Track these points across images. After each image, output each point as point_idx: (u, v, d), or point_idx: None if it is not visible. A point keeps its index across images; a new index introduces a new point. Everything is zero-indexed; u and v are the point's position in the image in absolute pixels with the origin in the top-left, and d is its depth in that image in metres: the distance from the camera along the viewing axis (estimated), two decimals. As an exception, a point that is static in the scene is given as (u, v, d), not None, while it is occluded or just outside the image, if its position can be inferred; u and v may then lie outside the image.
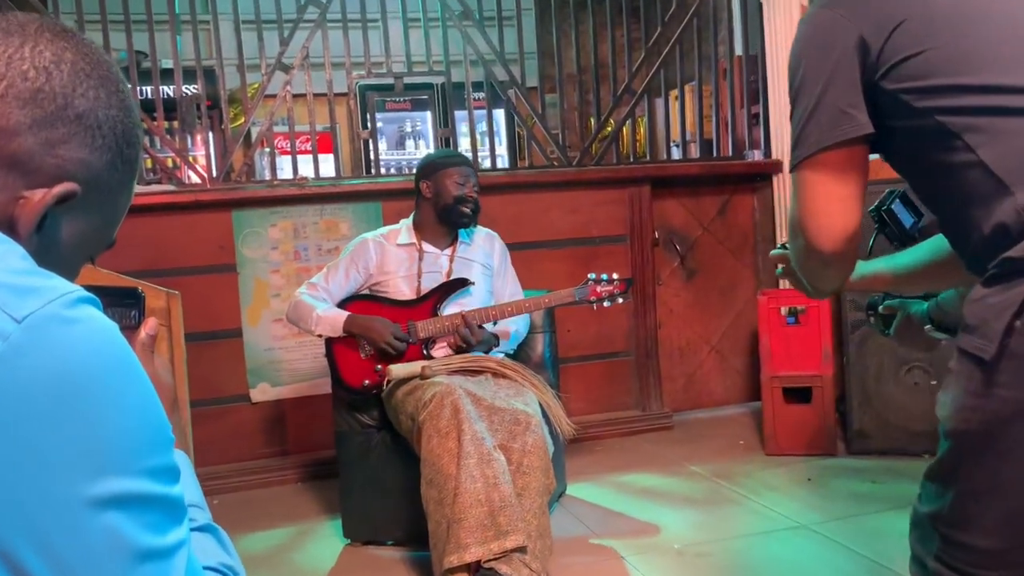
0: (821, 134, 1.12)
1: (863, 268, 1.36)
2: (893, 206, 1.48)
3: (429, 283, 2.79)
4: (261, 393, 3.59)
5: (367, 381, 2.73)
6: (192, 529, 0.72)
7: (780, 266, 1.45)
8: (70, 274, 0.76)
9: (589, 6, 4.09)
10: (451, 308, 2.73)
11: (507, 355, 2.83)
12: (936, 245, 1.28)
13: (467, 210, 2.79)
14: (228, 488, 3.44)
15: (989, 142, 1.02)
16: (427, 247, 2.84)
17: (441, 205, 2.81)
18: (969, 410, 1.01)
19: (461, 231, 2.89)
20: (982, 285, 1.03)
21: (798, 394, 3.55)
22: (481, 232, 2.96)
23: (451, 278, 2.79)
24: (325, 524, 3.02)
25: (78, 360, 0.59)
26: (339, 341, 2.74)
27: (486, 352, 2.72)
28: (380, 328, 2.66)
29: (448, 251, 2.86)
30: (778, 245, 1.50)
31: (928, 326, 1.48)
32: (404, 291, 2.79)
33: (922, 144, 1.09)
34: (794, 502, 2.97)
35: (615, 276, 2.81)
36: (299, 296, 2.80)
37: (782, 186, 4.05)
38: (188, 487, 0.80)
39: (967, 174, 1.04)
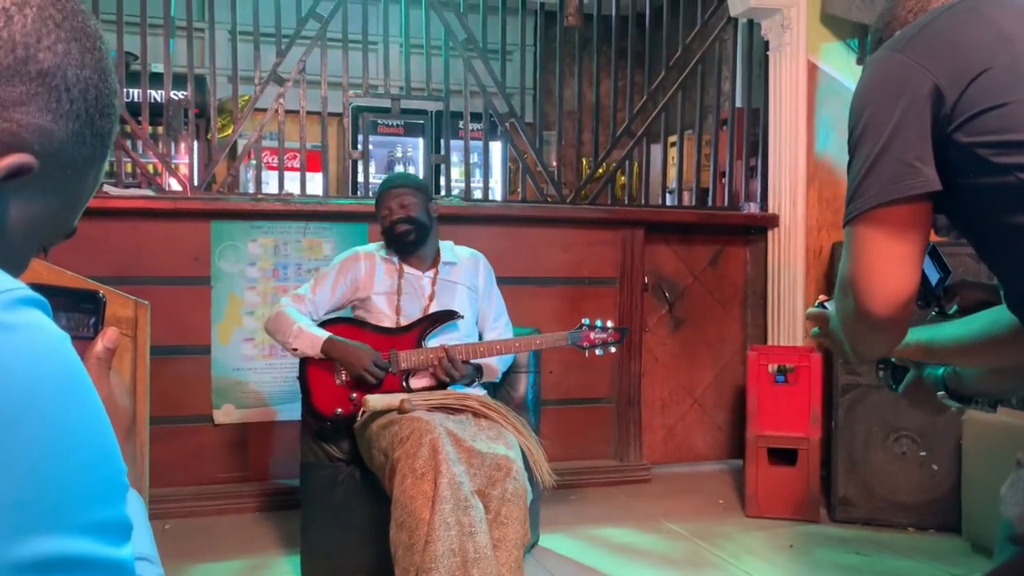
0: (882, 187, 1.02)
1: (907, 336, 1.25)
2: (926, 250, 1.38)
3: (409, 303, 2.67)
4: (225, 415, 3.42)
5: (339, 410, 2.58)
6: None
7: (816, 327, 1.34)
8: (15, 267, 0.62)
9: (594, 45, 4.03)
10: (437, 340, 2.60)
11: (489, 392, 2.70)
12: (994, 318, 1.16)
13: (400, 230, 2.65)
14: (182, 512, 3.26)
15: None
16: (408, 268, 2.71)
17: (383, 233, 2.73)
18: None
19: (444, 251, 2.77)
20: None
21: (783, 456, 3.44)
22: (465, 252, 2.84)
23: (436, 305, 2.66)
24: (282, 560, 2.84)
25: (10, 379, 0.46)
26: (314, 364, 2.59)
27: (468, 385, 2.59)
28: (361, 354, 2.52)
29: (430, 273, 2.73)
30: (815, 303, 1.40)
31: (942, 392, 1.38)
32: (384, 309, 2.66)
33: (999, 204, 0.99)
34: (776, 569, 2.85)
35: (610, 324, 2.70)
36: (282, 307, 2.65)
37: (776, 241, 3.98)
38: (139, 537, 0.66)
39: None
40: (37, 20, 0.57)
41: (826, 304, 1.34)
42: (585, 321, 2.69)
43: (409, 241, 2.67)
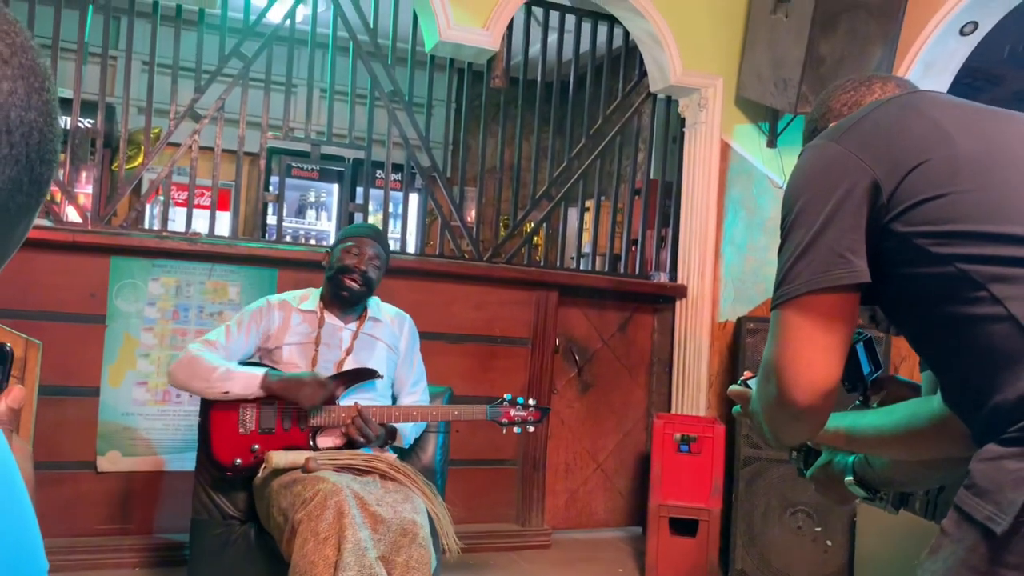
0: (812, 275, 1.03)
1: (828, 422, 1.26)
2: (857, 347, 1.40)
3: (325, 355, 2.56)
4: (110, 462, 3.21)
5: (239, 460, 2.44)
6: None
7: (737, 405, 1.34)
8: None
9: (518, 107, 4.09)
10: (350, 399, 2.51)
11: (397, 454, 2.62)
12: (914, 410, 1.18)
13: (349, 281, 2.56)
14: (58, 565, 2.99)
15: (1021, 296, 0.94)
16: (329, 318, 2.62)
17: (329, 275, 2.60)
18: None
19: (371, 306, 2.69)
20: (998, 444, 0.93)
21: (684, 526, 3.46)
22: (391, 311, 2.76)
23: (352, 360, 2.57)
24: (162, 623, 2.66)
25: None
26: (218, 409, 2.44)
27: (381, 447, 2.50)
28: (311, 387, 2.39)
29: (352, 326, 2.65)
30: (738, 380, 1.38)
31: (849, 478, 1.40)
32: (297, 361, 2.54)
33: (938, 294, 1.01)
34: (675, 642, 2.84)
35: (531, 402, 2.64)
36: (195, 352, 2.47)
37: (684, 311, 4.07)
38: None
39: (992, 329, 0.95)
40: None
41: (749, 382, 1.33)
42: (507, 397, 2.62)
43: (349, 298, 2.59)
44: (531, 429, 2.66)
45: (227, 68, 3.56)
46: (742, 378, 1.35)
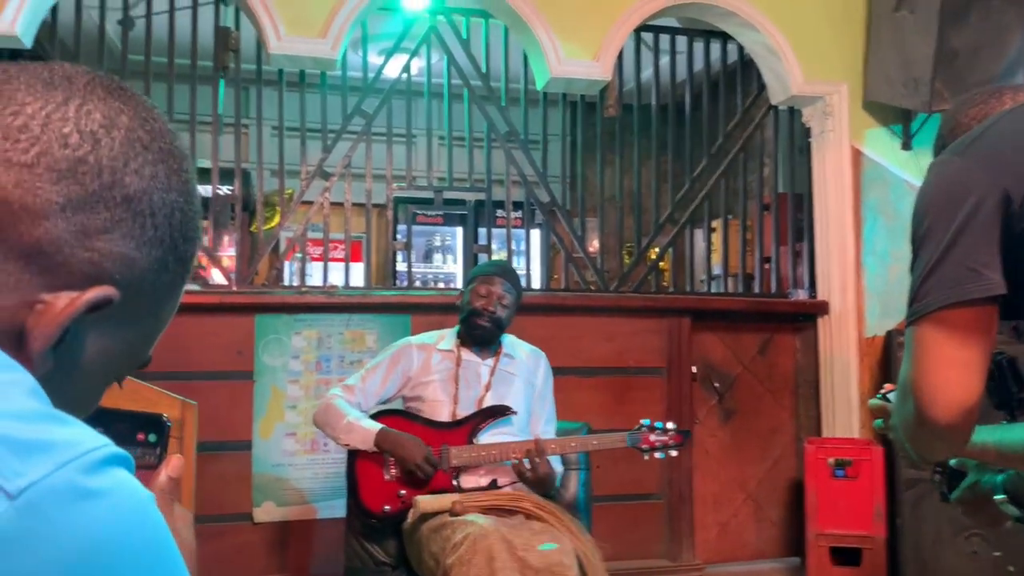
0: (943, 290, 1.01)
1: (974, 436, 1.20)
2: (1000, 363, 1.31)
3: (465, 392, 2.59)
4: (265, 513, 3.33)
5: (387, 507, 2.48)
6: None
7: (879, 419, 1.30)
8: (87, 404, 0.57)
9: (635, 134, 4.04)
10: (488, 437, 2.51)
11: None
12: None
13: (480, 323, 2.59)
14: (219, 616, 3.15)
15: None
16: (466, 355, 2.65)
17: (462, 316, 2.65)
18: None
19: (505, 344, 2.70)
20: None
21: (846, 555, 3.27)
22: (525, 348, 2.77)
23: (491, 395, 2.58)
24: (323, 670, 2.71)
25: (98, 554, 0.41)
26: (363, 458, 2.50)
27: (543, 495, 2.46)
28: (413, 447, 2.43)
29: (489, 362, 2.66)
30: (878, 393, 1.35)
31: (1000, 497, 1.29)
32: (440, 397, 2.58)
33: None
34: None
35: (671, 426, 2.58)
36: (332, 399, 2.57)
37: (827, 328, 3.88)
38: None
39: None
40: (125, 143, 0.53)
41: (888, 396, 1.30)
42: (645, 422, 2.58)
43: (481, 337, 2.62)
44: (673, 453, 2.59)
45: (351, 126, 3.69)
46: (882, 391, 1.33)
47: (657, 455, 2.56)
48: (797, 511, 3.78)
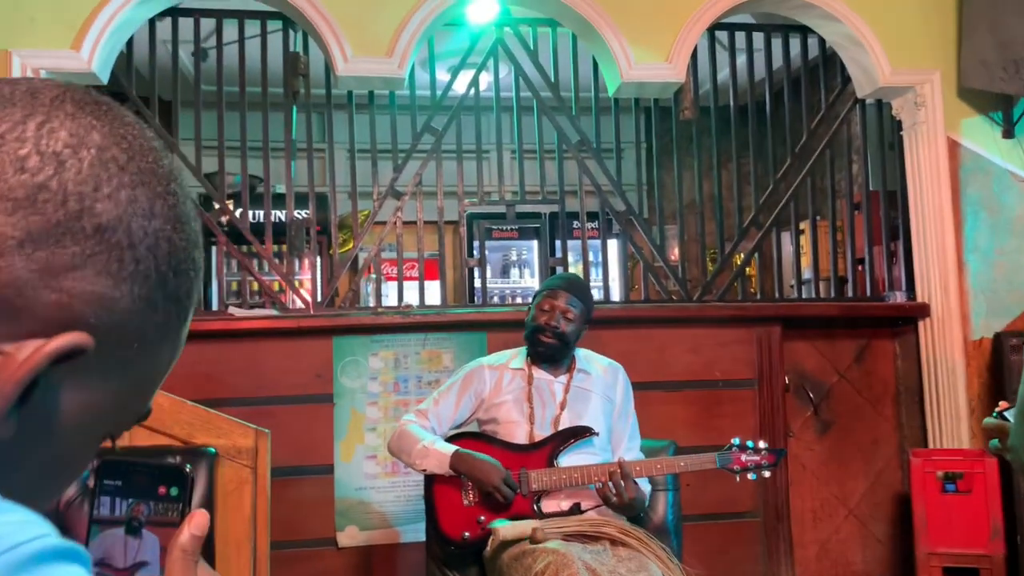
0: None
1: None
2: None
3: (540, 412, 2.48)
4: (349, 537, 3.30)
5: (467, 533, 2.40)
6: None
7: (994, 439, 1.21)
8: (72, 470, 0.50)
9: (713, 136, 3.89)
10: (569, 459, 2.41)
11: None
12: None
13: (544, 339, 2.47)
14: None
15: None
16: (537, 373, 2.54)
17: (526, 333, 2.54)
18: None
19: (579, 358, 2.59)
20: None
21: (961, 575, 3.03)
22: (602, 362, 2.64)
23: (568, 414, 2.47)
24: None
25: None
26: (441, 482, 2.42)
27: (629, 519, 2.35)
28: (490, 470, 2.33)
29: (563, 379, 2.55)
30: (993, 412, 1.25)
31: None
32: (515, 417, 2.47)
33: None
34: None
35: (762, 445, 2.42)
36: (406, 425, 2.50)
37: (928, 332, 3.64)
38: None
39: None
40: (96, 164, 0.46)
41: (1005, 414, 1.19)
42: (735, 441, 2.43)
43: (546, 354, 2.51)
44: (766, 474, 2.43)
45: (421, 144, 3.67)
46: (997, 409, 1.23)
47: (750, 476, 2.41)
48: (904, 528, 3.54)
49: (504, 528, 2.25)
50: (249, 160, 3.56)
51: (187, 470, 0.61)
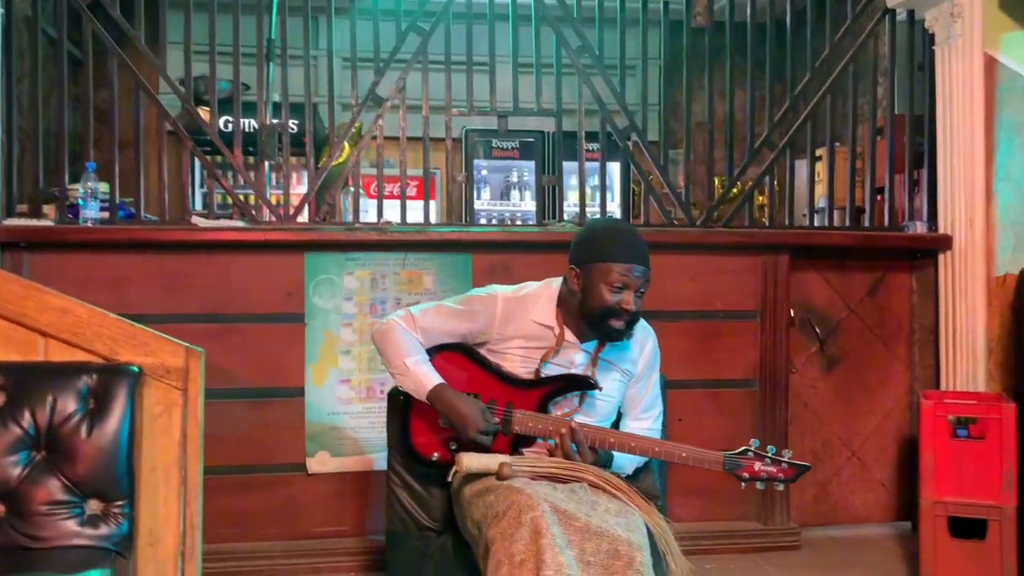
0: None
1: None
2: None
3: (550, 373, 2.17)
4: (319, 463, 3.14)
5: (437, 455, 2.17)
6: None
7: None
8: None
9: (728, 52, 3.57)
10: (564, 408, 2.16)
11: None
12: None
13: (618, 325, 2.09)
14: (277, 569, 3.00)
15: None
16: (568, 335, 2.18)
17: (587, 309, 2.10)
18: None
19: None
20: None
21: (968, 527, 2.85)
22: (637, 330, 2.21)
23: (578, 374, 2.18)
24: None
25: None
26: None
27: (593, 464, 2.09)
28: (467, 417, 2.05)
29: (590, 346, 2.19)
30: None
31: None
32: (519, 372, 2.18)
33: None
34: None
35: (787, 455, 2.09)
36: (395, 327, 2.17)
37: (949, 266, 3.38)
38: None
39: None
40: None
41: None
42: (754, 443, 2.09)
43: (615, 339, 2.16)
44: (780, 488, 2.11)
45: (405, 54, 3.38)
46: None
47: (758, 486, 2.10)
48: (910, 474, 3.35)
49: (469, 458, 2.02)
50: (224, 66, 3.30)
51: None
